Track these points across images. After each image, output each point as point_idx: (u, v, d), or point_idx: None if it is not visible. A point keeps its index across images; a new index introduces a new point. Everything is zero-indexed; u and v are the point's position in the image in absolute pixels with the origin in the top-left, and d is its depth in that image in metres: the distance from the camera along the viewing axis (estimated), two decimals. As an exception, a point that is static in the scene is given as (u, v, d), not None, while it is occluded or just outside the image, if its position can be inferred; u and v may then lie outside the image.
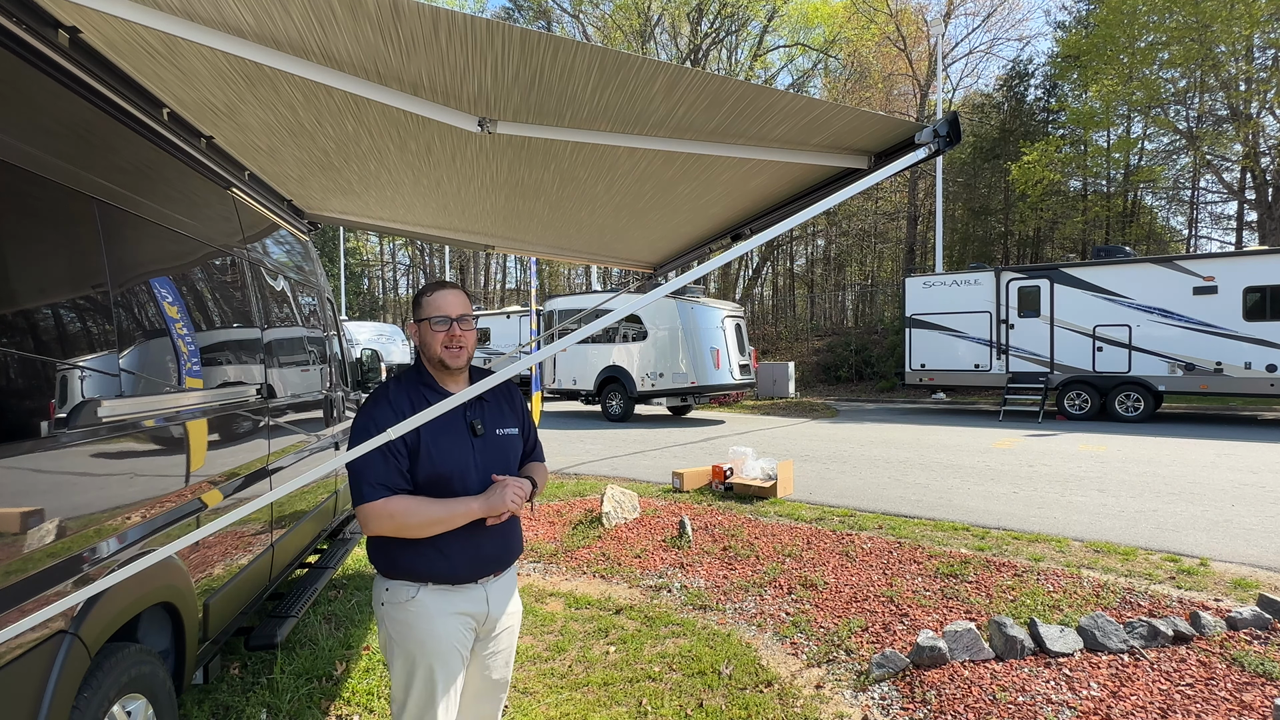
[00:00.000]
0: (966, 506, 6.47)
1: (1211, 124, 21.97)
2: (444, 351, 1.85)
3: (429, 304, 1.87)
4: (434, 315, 1.85)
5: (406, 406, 1.81)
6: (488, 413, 1.92)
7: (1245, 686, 2.94)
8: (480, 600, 1.88)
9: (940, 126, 1.82)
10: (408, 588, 1.82)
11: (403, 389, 1.88)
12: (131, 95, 2.17)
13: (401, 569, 1.82)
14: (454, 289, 1.92)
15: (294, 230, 4.14)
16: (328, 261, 37.49)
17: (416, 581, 1.81)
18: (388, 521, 1.73)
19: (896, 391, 20.57)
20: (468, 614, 1.86)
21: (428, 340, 1.87)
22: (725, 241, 3.89)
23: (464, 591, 1.85)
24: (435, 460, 1.79)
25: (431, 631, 1.80)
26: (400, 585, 1.83)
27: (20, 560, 1.57)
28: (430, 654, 1.80)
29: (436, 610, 1.81)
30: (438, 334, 1.84)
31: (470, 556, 1.84)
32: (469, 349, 1.88)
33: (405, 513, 1.73)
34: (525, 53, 1.70)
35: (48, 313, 1.77)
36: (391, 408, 1.81)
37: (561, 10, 34.69)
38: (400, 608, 1.81)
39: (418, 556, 1.80)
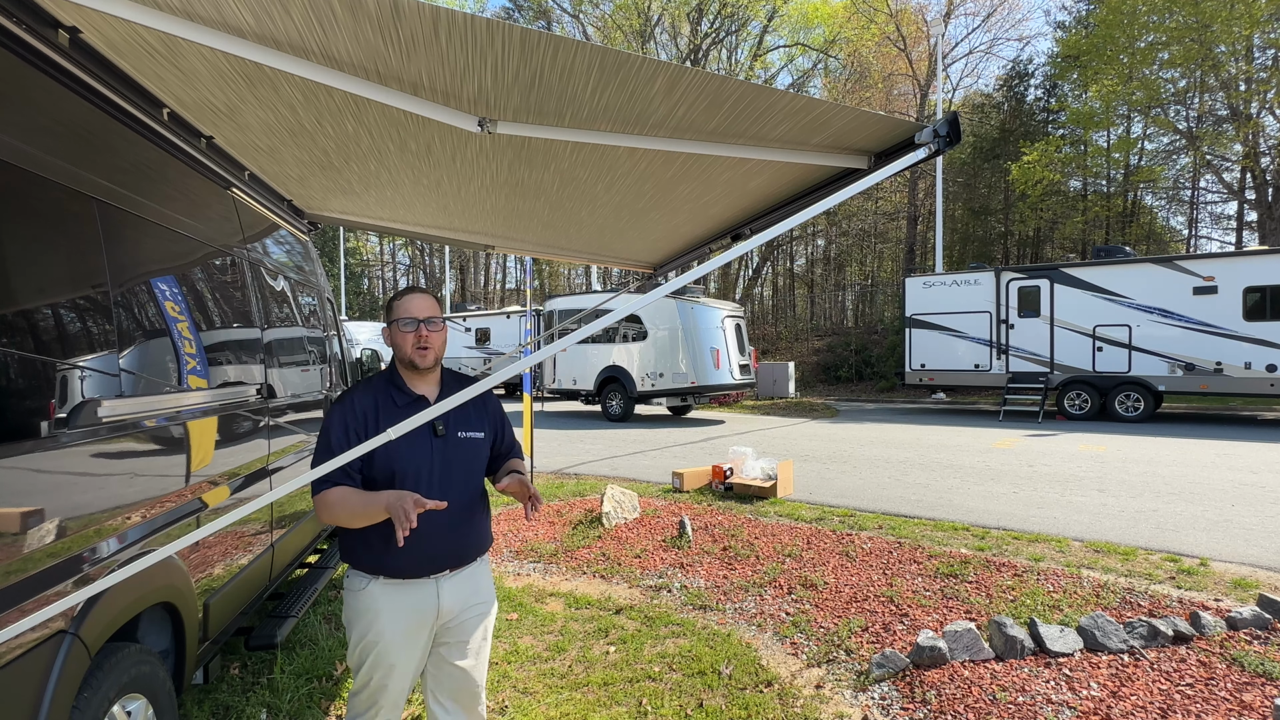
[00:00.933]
0: (966, 506, 6.47)
1: (1211, 124, 21.97)
2: (414, 352, 1.94)
3: (398, 308, 1.97)
4: (402, 318, 1.94)
5: (370, 406, 1.92)
6: (452, 415, 1.97)
7: (1245, 686, 2.94)
8: (431, 595, 1.94)
9: (940, 126, 1.82)
10: (362, 578, 1.93)
11: (369, 391, 1.97)
12: (131, 95, 2.17)
13: (356, 558, 1.94)
14: (422, 293, 2.00)
15: (294, 230, 4.14)
16: (328, 261, 37.48)
17: (368, 574, 1.92)
18: (326, 511, 1.84)
19: (896, 391, 20.57)
20: (418, 608, 1.93)
21: (398, 342, 1.96)
22: (725, 241, 3.89)
23: (414, 586, 1.92)
24: (393, 458, 1.87)
25: (376, 623, 1.90)
26: (356, 575, 1.95)
27: (20, 560, 1.57)
28: (377, 641, 1.90)
29: (385, 603, 1.90)
30: (407, 335, 1.94)
31: (416, 554, 1.88)
32: (436, 349, 1.97)
33: (336, 503, 1.83)
34: (525, 53, 1.71)
35: (48, 313, 1.77)
36: (354, 410, 1.91)
37: (561, 10, 34.70)
38: (355, 595, 1.93)
39: (367, 551, 1.91)
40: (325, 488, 1.83)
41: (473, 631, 2.02)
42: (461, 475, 1.96)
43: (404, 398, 1.95)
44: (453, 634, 2.00)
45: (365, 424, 1.90)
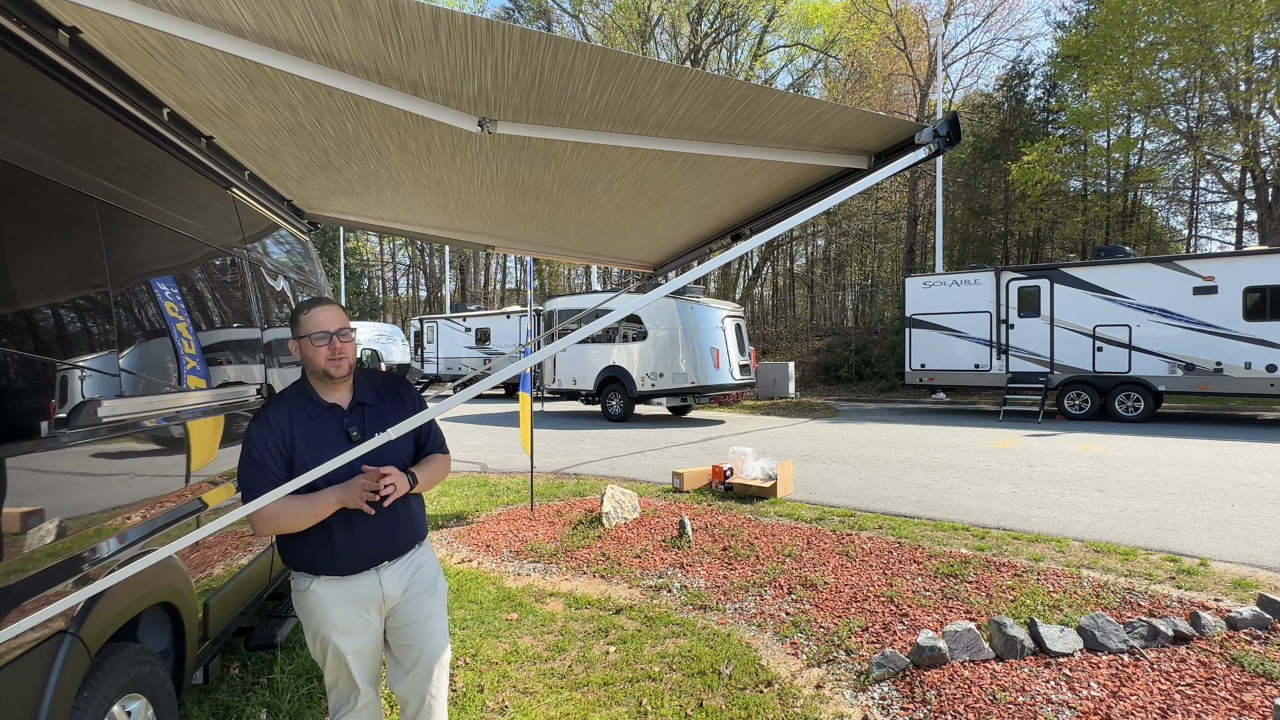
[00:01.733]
0: (966, 506, 6.47)
1: (1211, 124, 21.97)
2: (329, 364, 1.97)
3: (307, 321, 1.98)
4: (315, 332, 1.96)
5: (285, 420, 1.95)
6: (369, 417, 2.02)
7: (1245, 686, 2.94)
8: (374, 585, 2.02)
9: (940, 126, 1.82)
10: (305, 578, 2.00)
11: (283, 405, 1.99)
12: (131, 95, 2.17)
13: (298, 561, 2.00)
14: (330, 305, 2.03)
15: (294, 230, 4.14)
16: (328, 261, 37.49)
17: (310, 573, 1.99)
18: (269, 524, 1.88)
19: (896, 391, 20.57)
20: (362, 598, 2.01)
21: (311, 355, 1.97)
22: (725, 241, 3.89)
23: (355, 580, 2.00)
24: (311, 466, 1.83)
25: (326, 616, 1.98)
26: (300, 575, 2.02)
27: (20, 560, 1.57)
28: (331, 634, 1.99)
29: (330, 599, 1.98)
30: (320, 349, 1.96)
31: (352, 550, 1.96)
32: (350, 359, 2.00)
33: (277, 514, 1.86)
34: (525, 53, 1.71)
35: (48, 313, 1.77)
36: (270, 425, 1.94)
37: (561, 10, 34.71)
38: (302, 595, 2.01)
39: (305, 551, 1.97)
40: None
41: (419, 610, 2.09)
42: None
43: (316, 408, 1.99)
44: (400, 616, 2.07)
45: (282, 439, 1.93)
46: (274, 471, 1.90)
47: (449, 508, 6.84)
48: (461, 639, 3.72)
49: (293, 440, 1.93)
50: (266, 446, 1.92)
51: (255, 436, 1.93)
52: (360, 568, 1.99)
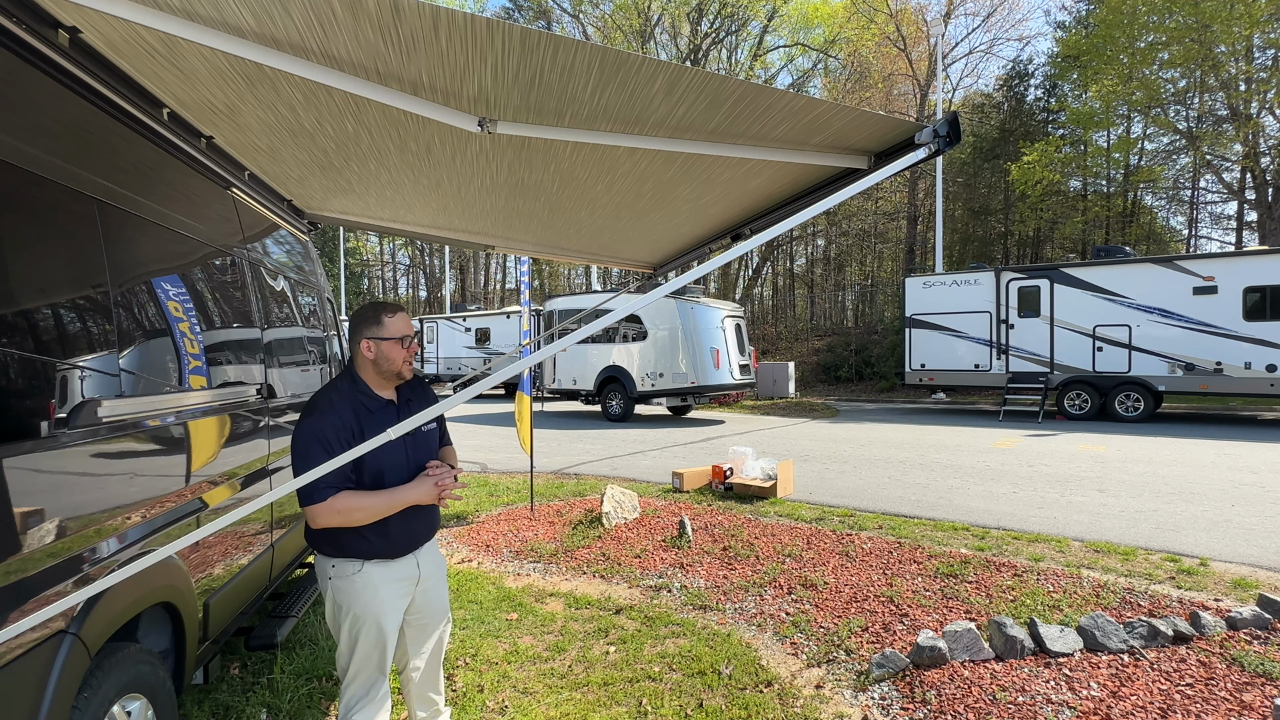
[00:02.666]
0: (966, 506, 6.47)
1: (1211, 124, 21.97)
2: (404, 365, 2.19)
3: (391, 325, 2.17)
4: (402, 335, 2.18)
5: (350, 414, 2.10)
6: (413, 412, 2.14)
7: (1245, 686, 2.94)
8: (413, 566, 2.24)
9: (940, 126, 1.82)
10: (354, 563, 2.13)
11: (343, 400, 2.13)
12: (131, 95, 2.17)
13: (349, 550, 2.12)
14: (405, 311, 2.24)
15: (294, 230, 4.14)
16: (328, 261, 37.48)
17: (361, 558, 2.13)
18: (336, 516, 2.02)
19: (896, 391, 20.57)
20: (405, 579, 2.21)
21: (390, 355, 2.17)
22: (725, 241, 3.89)
23: (401, 562, 2.19)
24: (379, 457, 2.07)
25: (376, 596, 2.13)
26: (347, 561, 2.13)
27: (20, 560, 1.57)
28: (377, 614, 2.13)
29: (380, 579, 2.14)
30: (401, 350, 2.17)
31: (404, 535, 2.18)
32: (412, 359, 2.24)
33: (352, 508, 2.02)
34: (525, 52, 1.71)
35: (48, 313, 1.77)
36: (340, 418, 2.07)
37: (561, 10, 34.71)
38: (349, 579, 2.13)
39: (363, 540, 2.10)
40: (329, 495, 1.99)
41: (441, 588, 2.37)
42: (424, 463, 2.23)
43: (374, 403, 2.17)
44: (427, 595, 2.30)
45: (350, 431, 2.07)
46: (344, 468, 2.02)
47: (449, 507, 6.84)
48: (461, 639, 3.72)
49: (360, 432, 2.06)
50: (339, 438, 2.03)
51: (327, 429, 2.04)
52: (408, 550, 2.19)
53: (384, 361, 2.17)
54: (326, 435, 2.02)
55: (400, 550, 2.18)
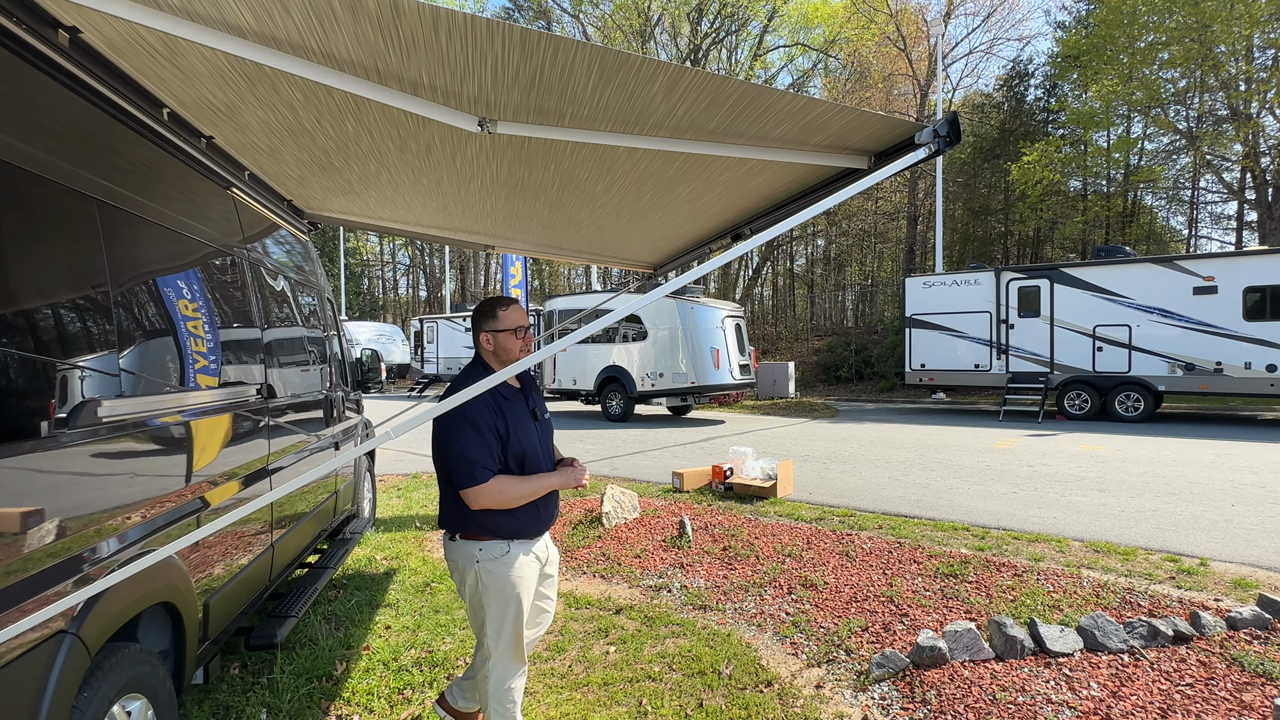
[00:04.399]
0: (966, 506, 6.47)
1: (1211, 124, 21.96)
2: (522, 354, 2.33)
3: (507, 317, 2.32)
4: (517, 326, 2.32)
5: (493, 403, 2.22)
6: (538, 402, 2.44)
7: (1245, 686, 2.94)
8: (544, 546, 2.42)
9: (940, 126, 1.82)
10: (501, 544, 2.25)
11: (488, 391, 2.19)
12: (131, 95, 2.17)
13: (500, 531, 2.24)
14: (518, 303, 2.38)
15: (294, 230, 4.14)
16: (328, 261, 37.49)
17: (505, 539, 2.25)
18: (496, 496, 2.16)
19: (896, 391, 20.56)
20: (540, 557, 2.38)
21: (509, 346, 2.32)
22: (725, 241, 3.89)
23: (537, 542, 2.36)
24: (521, 441, 2.25)
25: (522, 574, 2.28)
26: (496, 543, 2.25)
27: (20, 560, 1.57)
28: (523, 591, 2.28)
29: (523, 558, 2.29)
30: (518, 340, 2.32)
31: (542, 518, 2.34)
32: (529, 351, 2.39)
33: (509, 488, 2.18)
34: (525, 52, 1.71)
35: (48, 313, 1.77)
36: (486, 408, 2.19)
37: (561, 10, 34.71)
38: (498, 561, 2.24)
39: (515, 521, 2.25)
40: (489, 476, 2.14)
41: (556, 566, 2.56)
42: (550, 448, 2.45)
43: (508, 390, 2.33)
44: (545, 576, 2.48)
45: (495, 420, 2.21)
46: (495, 448, 2.18)
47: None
48: (461, 639, 3.72)
49: (504, 419, 2.22)
50: (489, 425, 2.18)
51: (476, 417, 2.16)
52: (543, 530, 2.37)
53: (502, 352, 2.33)
54: (475, 417, 2.14)
55: (540, 530, 2.35)
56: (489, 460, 2.14)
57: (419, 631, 3.82)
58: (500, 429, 2.20)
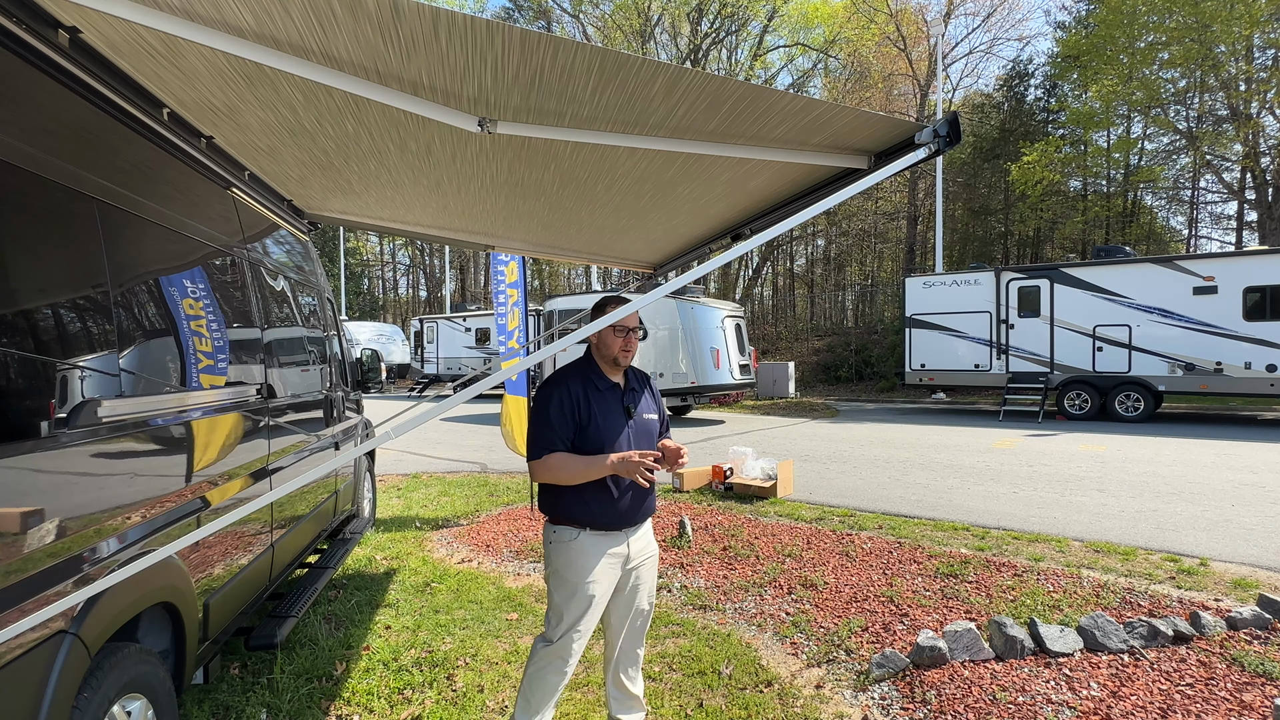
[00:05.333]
0: (966, 506, 6.47)
1: (1211, 124, 21.97)
2: (620, 352, 2.40)
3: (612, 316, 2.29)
4: (617, 326, 2.36)
5: (580, 391, 2.35)
6: (638, 401, 2.47)
7: (1245, 686, 2.94)
8: (623, 544, 2.40)
9: (940, 126, 1.82)
10: (571, 531, 2.34)
11: (576, 379, 2.39)
12: (131, 95, 2.17)
13: (570, 517, 2.34)
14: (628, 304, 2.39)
15: (294, 230, 4.14)
16: (328, 261, 37.49)
17: (578, 527, 2.33)
18: (547, 473, 2.29)
19: (896, 391, 20.57)
20: (615, 555, 2.38)
21: (608, 342, 2.40)
22: (725, 241, 3.88)
23: (613, 536, 2.37)
24: (602, 431, 2.32)
25: (587, 565, 2.33)
26: (565, 528, 2.35)
27: (20, 560, 1.57)
28: (586, 582, 2.32)
29: (593, 549, 2.33)
30: (618, 340, 2.39)
31: (622, 512, 2.35)
32: (634, 352, 2.43)
33: (559, 466, 2.28)
34: (525, 53, 1.71)
35: (48, 313, 1.77)
36: (569, 393, 2.34)
37: (561, 10, 34.72)
38: (566, 545, 2.34)
39: (585, 508, 2.32)
40: (545, 454, 2.28)
41: (648, 573, 2.51)
42: (646, 448, 2.40)
43: (604, 383, 2.41)
44: (636, 575, 2.46)
45: (577, 404, 2.32)
46: (566, 432, 2.30)
47: (449, 508, 6.84)
48: (461, 639, 3.72)
49: (588, 407, 2.32)
50: (563, 410, 2.31)
51: (556, 400, 2.32)
52: (621, 526, 2.36)
53: (603, 347, 2.42)
54: (554, 401, 2.31)
55: (614, 524, 2.34)
56: (552, 440, 2.29)
57: (419, 631, 3.82)
58: (580, 415, 2.31)
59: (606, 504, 2.31)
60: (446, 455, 10.47)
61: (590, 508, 2.32)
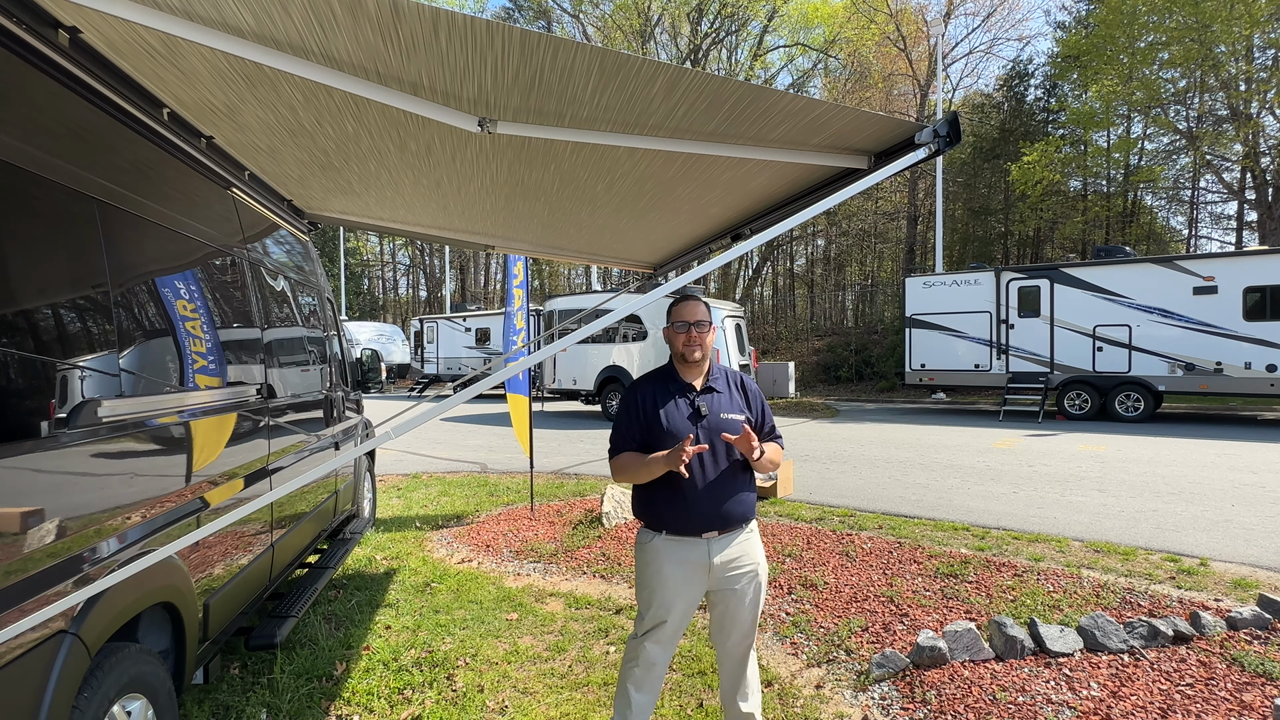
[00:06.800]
0: (966, 506, 6.47)
1: (1211, 124, 21.96)
2: (684, 348, 2.36)
3: (674, 312, 2.39)
4: (676, 321, 2.36)
5: (649, 391, 2.37)
6: (716, 401, 2.37)
7: (1245, 686, 2.94)
8: (703, 553, 2.29)
9: (940, 126, 1.82)
10: (649, 534, 2.35)
11: (651, 380, 2.43)
12: (131, 95, 2.17)
13: (648, 520, 2.36)
14: (695, 301, 2.39)
15: (294, 230, 4.14)
16: (328, 261, 37.49)
17: (654, 530, 2.34)
18: (618, 471, 2.35)
19: (896, 391, 20.57)
20: (692, 562, 2.29)
21: (671, 339, 2.39)
22: (725, 241, 3.88)
23: (688, 543, 2.29)
24: (666, 431, 2.29)
25: (660, 570, 2.31)
26: (645, 530, 2.37)
27: (20, 560, 1.57)
28: (659, 586, 2.31)
29: (666, 555, 2.30)
30: (679, 335, 2.36)
31: (685, 515, 2.27)
32: (703, 348, 2.37)
33: (624, 465, 2.33)
34: (525, 53, 1.71)
35: (48, 313, 1.77)
36: (638, 395, 2.38)
37: (561, 10, 34.70)
38: (644, 548, 2.36)
39: (656, 513, 2.32)
40: (617, 454, 2.36)
41: (739, 586, 2.34)
42: (720, 450, 2.29)
43: (675, 385, 2.39)
44: (724, 587, 2.33)
45: (642, 407, 2.34)
46: (632, 433, 2.34)
47: (449, 508, 6.84)
48: (461, 639, 3.72)
49: (653, 407, 2.32)
50: (630, 412, 2.36)
51: (626, 402, 2.39)
52: (692, 530, 2.28)
53: (670, 345, 2.42)
54: (632, 403, 2.36)
55: (686, 529, 2.28)
56: (621, 440, 2.35)
57: (419, 631, 3.82)
58: (646, 415, 2.32)
59: (677, 506, 2.27)
60: (446, 455, 10.47)
61: (660, 510, 2.31)
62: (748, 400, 2.46)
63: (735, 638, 2.41)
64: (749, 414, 2.42)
